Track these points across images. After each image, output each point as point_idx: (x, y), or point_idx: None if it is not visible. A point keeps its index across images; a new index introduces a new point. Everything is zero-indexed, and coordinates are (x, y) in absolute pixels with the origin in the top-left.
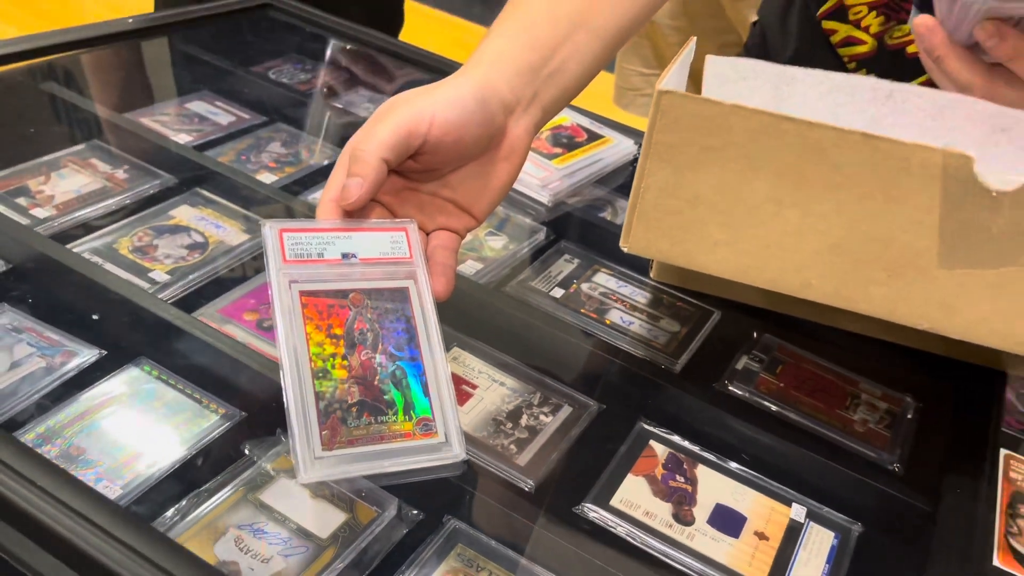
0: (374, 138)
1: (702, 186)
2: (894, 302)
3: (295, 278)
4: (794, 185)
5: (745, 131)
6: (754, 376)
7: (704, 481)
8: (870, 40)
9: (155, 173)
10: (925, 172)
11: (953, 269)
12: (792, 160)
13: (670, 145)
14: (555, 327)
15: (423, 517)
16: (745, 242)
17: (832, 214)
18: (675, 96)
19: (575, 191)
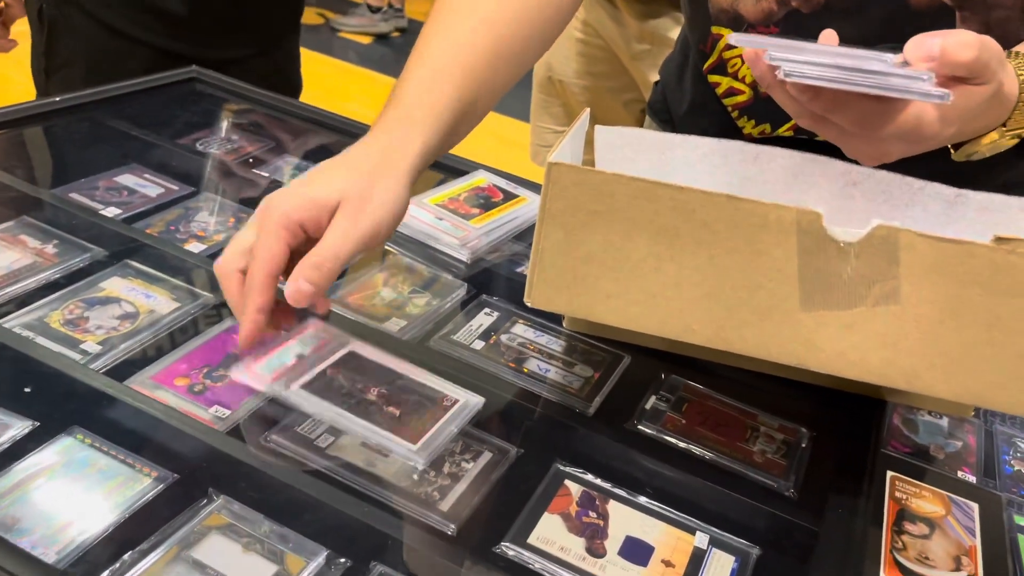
0: (338, 257)
1: (592, 245)
2: (765, 342)
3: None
4: (670, 242)
5: (625, 196)
6: (661, 415)
7: (615, 515)
8: (747, 89)
9: (85, 247)
10: (782, 228)
11: (812, 311)
12: (667, 220)
13: (561, 210)
14: (477, 378)
15: (351, 564)
16: (632, 293)
17: (705, 266)
18: (563, 167)
19: (494, 247)
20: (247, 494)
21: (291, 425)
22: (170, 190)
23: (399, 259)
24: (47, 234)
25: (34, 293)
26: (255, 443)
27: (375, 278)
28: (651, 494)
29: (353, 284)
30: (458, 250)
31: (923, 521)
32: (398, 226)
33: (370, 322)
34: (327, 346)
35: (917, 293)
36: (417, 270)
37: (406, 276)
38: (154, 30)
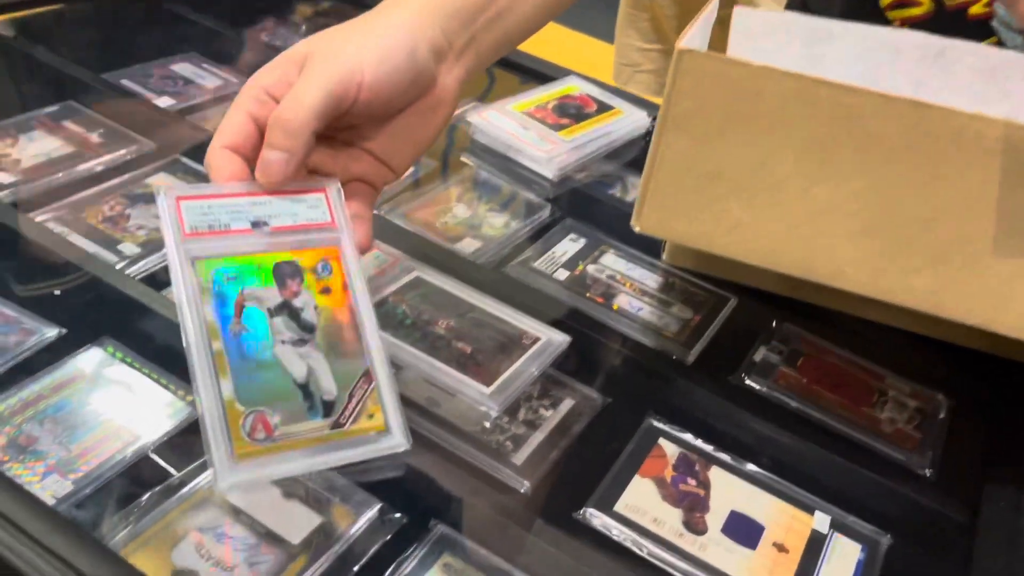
0: (302, 104)
1: (724, 159)
2: (938, 294)
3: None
4: (826, 158)
5: (776, 96)
6: (773, 369)
7: (718, 485)
8: (926, 1)
9: (133, 138)
10: (981, 146)
11: (1009, 257)
12: (826, 130)
13: (689, 112)
14: (558, 312)
15: (407, 521)
16: (770, 223)
17: (868, 192)
18: (697, 56)
19: (582, 166)
20: None
21: None
22: (230, 83)
23: (476, 172)
24: (93, 122)
25: (73, 185)
26: None
27: (448, 192)
28: (763, 463)
29: (423, 198)
30: (543, 165)
31: None
32: (403, 84)
33: (440, 242)
34: (389, 270)
35: None
36: (496, 186)
37: (483, 192)
38: None
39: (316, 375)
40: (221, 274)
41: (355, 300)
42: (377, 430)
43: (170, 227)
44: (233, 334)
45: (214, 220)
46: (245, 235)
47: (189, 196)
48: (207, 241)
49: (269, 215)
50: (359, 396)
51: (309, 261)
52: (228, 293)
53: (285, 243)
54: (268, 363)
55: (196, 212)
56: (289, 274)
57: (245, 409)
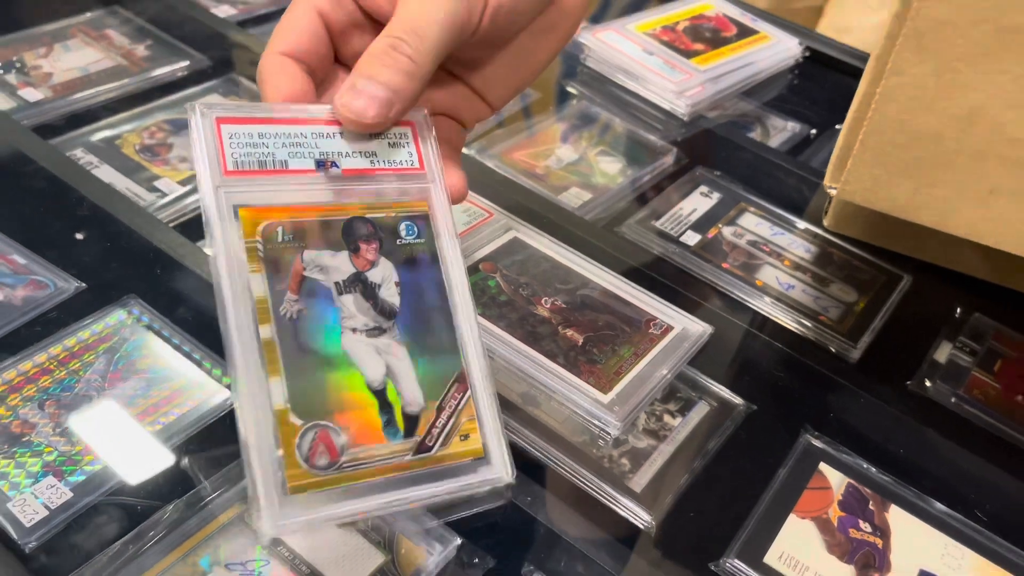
0: (424, 35)
1: (986, 95)
2: None
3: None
4: None
5: None
6: (964, 373)
7: (900, 531)
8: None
9: (184, 52)
10: None
11: None
12: None
13: (941, 22)
14: (686, 286)
15: (493, 566)
16: None
17: None
18: None
19: (717, 102)
20: None
21: None
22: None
23: (586, 106)
24: (139, 31)
25: (111, 106)
26: None
27: (551, 130)
28: (959, 503)
29: (519, 136)
30: (672, 99)
31: None
32: (523, 14)
33: (541, 191)
34: (477, 229)
35: None
36: (611, 124)
37: (594, 131)
38: None
39: (397, 378)
40: (275, 232)
41: (447, 274)
42: (474, 456)
43: (205, 160)
44: (288, 317)
45: (266, 155)
46: (308, 177)
47: (234, 119)
48: (256, 183)
49: (339, 152)
50: (450, 409)
51: (390, 219)
52: (283, 259)
53: (360, 192)
54: (334, 359)
55: (242, 142)
56: (364, 236)
57: (302, 423)
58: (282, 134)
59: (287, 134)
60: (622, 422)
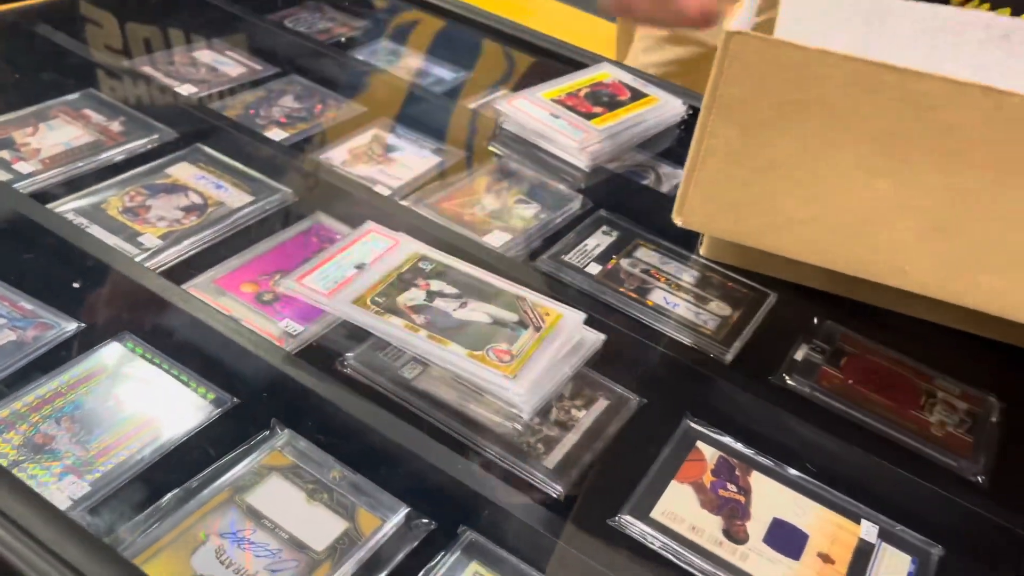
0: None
1: (777, 150)
2: (1010, 296)
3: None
4: (893, 151)
5: (836, 82)
6: (815, 368)
7: (759, 491)
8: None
9: (154, 127)
10: None
11: None
12: (892, 120)
13: (740, 99)
14: (590, 308)
15: (435, 527)
16: (829, 218)
17: (940, 188)
18: (748, 39)
19: (616, 155)
20: (315, 429)
21: (372, 349)
22: (253, 70)
23: (505, 162)
24: (113, 110)
25: (93, 175)
26: (330, 368)
27: (477, 183)
28: (806, 468)
29: (450, 188)
30: (575, 154)
31: None
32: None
33: (468, 233)
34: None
35: None
36: (526, 176)
37: (512, 182)
38: None
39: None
40: None
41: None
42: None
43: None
44: None
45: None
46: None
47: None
48: None
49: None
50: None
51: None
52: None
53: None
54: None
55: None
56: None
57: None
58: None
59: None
60: (529, 404)
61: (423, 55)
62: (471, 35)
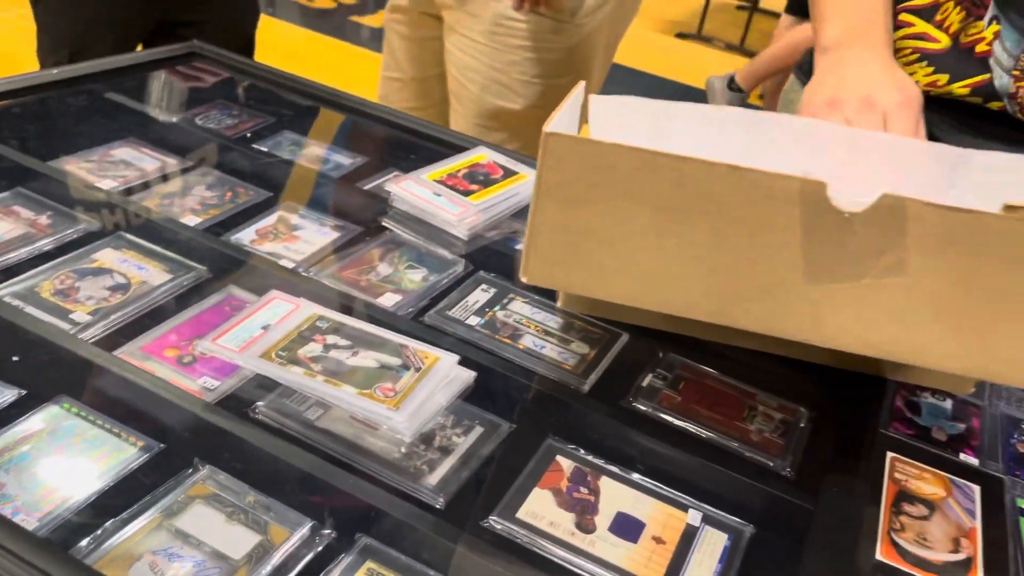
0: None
1: (590, 219)
2: (769, 317)
3: None
4: (672, 215)
5: (625, 167)
6: (657, 392)
7: (607, 491)
8: (945, 38)
9: (78, 218)
10: (786, 198)
11: (818, 284)
12: (669, 192)
13: (558, 183)
14: (471, 353)
15: (335, 536)
16: (632, 269)
17: (708, 240)
18: (560, 137)
19: (492, 225)
20: (233, 465)
21: (280, 397)
22: (168, 164)
23: (396, 234)
24: (41, 205)
25: (26, 263)
26: (243, 414)
27: (371, 253)
28: (644, 471)
29: (348, 259)
30: (455, 226)
31: (922, 502)
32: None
33: (364, 296)
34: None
35: (926, 265)
36: (414, 246)
37: (403, 251)
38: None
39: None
40: None
41: None
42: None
43: None
44: None
45: None
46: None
47: None
48: None
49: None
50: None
51: None
52: None
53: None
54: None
55: None
56: None
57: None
58: None
59: None
60: (410, 428)
61: (323, 144)
62: (366, 125)
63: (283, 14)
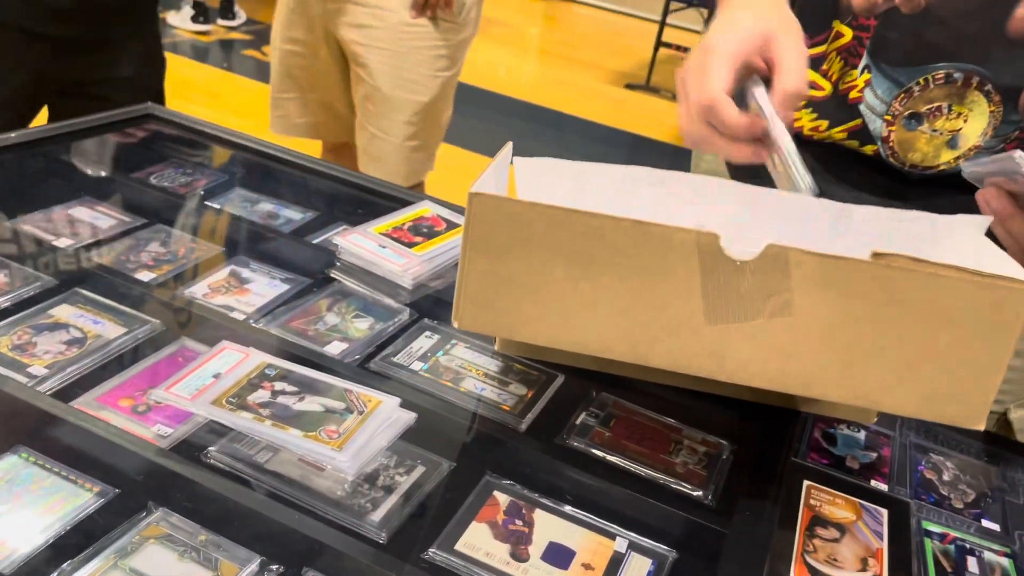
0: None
1: (513, 269)
2: (676, 356)
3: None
4: (585, 265)
5: (541, 223)
6: (590, 429)
7: (540, 523)
8: (828, 85)
9: (36, 275)
10: (684, 248)
11: (716, 325)
12: (581, 245)
13: (482, 238)
14: (415, 396)
15: (283, 570)
16: (552, 314)
17: (618, 287)
18: (483, 197)
19: (436, 274)
20: (185, 506)
21: (231, 442)
22: (122, 222)
23: (344, 285)
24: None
25: None
26: (196, 459)
27: (319, 303)
28: (574, 502)
29: (297, 310)
30: (400, 277)
31: (834, 526)
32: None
33: (311, 345)
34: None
35: (808, 305)
36: (361, 295)
37: (349, 301)
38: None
39: None
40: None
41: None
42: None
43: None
44: None
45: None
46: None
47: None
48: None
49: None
50: None
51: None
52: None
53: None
54: None
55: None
56: None
57: None
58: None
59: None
60: (352, 467)
61: (274, 200)
62: (315, 182)
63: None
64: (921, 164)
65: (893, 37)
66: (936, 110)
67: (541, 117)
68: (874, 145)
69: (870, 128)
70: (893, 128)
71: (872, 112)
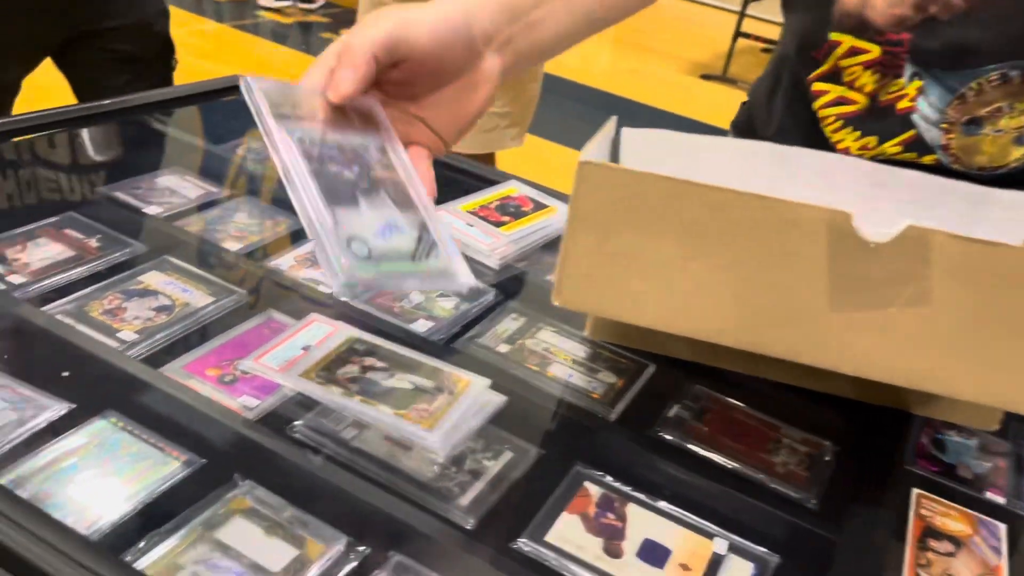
0: (366, 36)
1: (620, 244)
2: (795, 345)
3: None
4: (698, 241)
5: (655, 195)
6: (684, 423)
7: (634, 518)
8: (862, 99)
9: (126, 242)
10: (812, 227)
11: (842, 313)
12: (696, 219)
13: (590, 209)
14: (500, 379)
15: (369, 552)
16: (660, 293)
17: (734, 267)
18: (593, 166)
19: (522, 255)
20: (271, 480)
21: (318, 416)
22: (210, 192)
23: None
24: (91, 229)
25: (76, 283)
26: (282, 432)
27: None
28: (670, 499)
29: None
30: (487, 256)
31: (949, 539)
32: (456, 47)
33: (398, 322)
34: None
35: (948, 295)
36: None
37: None
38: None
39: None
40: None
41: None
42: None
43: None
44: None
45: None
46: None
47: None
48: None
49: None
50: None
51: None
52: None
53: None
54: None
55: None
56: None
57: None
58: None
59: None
60: (443, 447)
61: None
62: None
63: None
64: (990, 165)
65: (934, 46)
66: (996, 111)
67: (614, 106)
68: (933, 155)
69: (926, 138)
70: (952, 136)
71: (926, 122)
